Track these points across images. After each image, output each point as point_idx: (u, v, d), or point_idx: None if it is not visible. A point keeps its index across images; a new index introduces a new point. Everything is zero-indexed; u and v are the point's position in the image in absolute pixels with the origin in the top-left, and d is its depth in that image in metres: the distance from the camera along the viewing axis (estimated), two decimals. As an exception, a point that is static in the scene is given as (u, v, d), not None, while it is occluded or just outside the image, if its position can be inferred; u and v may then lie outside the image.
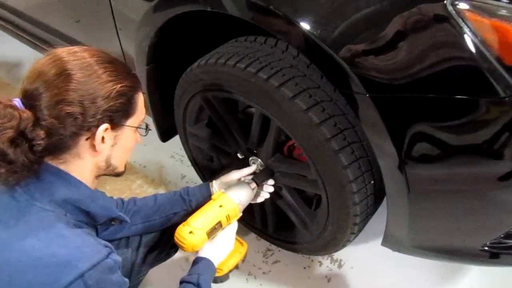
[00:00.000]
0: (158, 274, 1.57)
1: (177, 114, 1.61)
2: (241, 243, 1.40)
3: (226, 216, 1.29)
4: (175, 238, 1.23)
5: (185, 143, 1.69)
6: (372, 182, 1.27)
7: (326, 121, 1.18)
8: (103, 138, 0.99)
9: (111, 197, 1.31)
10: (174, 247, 1.42)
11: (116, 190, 2.01)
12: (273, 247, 1.77)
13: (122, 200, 1.36)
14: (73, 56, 0.96)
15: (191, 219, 1.25)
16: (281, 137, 1.41)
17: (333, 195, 1.28)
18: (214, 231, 1.26)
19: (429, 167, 1.05)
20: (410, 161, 1.05)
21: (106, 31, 1.58)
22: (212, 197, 1.33)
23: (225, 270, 1.32)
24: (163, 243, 1.39)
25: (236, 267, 1.37)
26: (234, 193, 1.33)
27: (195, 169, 1.80)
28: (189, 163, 1.81)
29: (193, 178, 2.03)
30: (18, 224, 0.91)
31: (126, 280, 1.00)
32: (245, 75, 1.24)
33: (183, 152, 1.82)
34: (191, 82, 1.43)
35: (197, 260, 1.24)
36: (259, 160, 1.46)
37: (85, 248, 0.91)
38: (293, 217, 1.50)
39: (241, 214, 1.35)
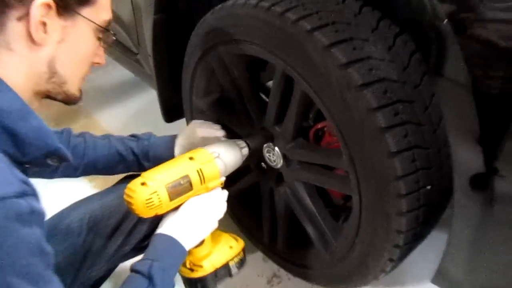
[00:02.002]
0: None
1: (184, 82, 1.29)
2: (235, 238, 1.03)
3: (198, 172, 0.92)
4: (124, 195, 0.88)
5: (190, 121, 1.36)
6: (429, 187, 0.88)
7: (371, 84, 0.82)
8: (44, 24, 0.69)
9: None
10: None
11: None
12: (281, 272, 1.37)
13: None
14: None
15: (149, 170, 0.91)
16: (306, 111, 1.05)
17: (369, 197, 0.89)
18: (179, 189, 0.90)
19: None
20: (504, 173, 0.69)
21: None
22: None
23: (208, 268, 0.95)
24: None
25: (229, 272, 0.99)
26: (213, 148, 0.98)
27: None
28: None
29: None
30: None
31: (50, 249, 0.67)
32: (268, 16, 0.91)
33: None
34: (202, 35, 1.12)
35: (154, 239, 0.88)
36: (276, 148, 1.10)
37: None
38: (311, 229, 1.11)
39: (223, 179, 0.98)
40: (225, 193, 0.99)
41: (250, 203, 1.35)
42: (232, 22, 1.01)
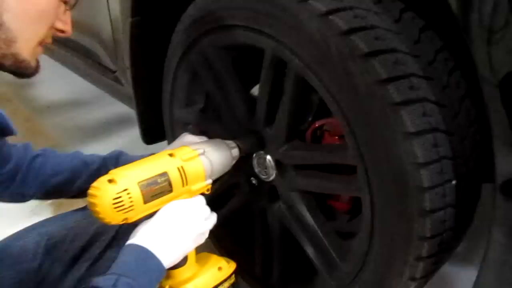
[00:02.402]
0: None
1: (164, 94, 1.16)
2: (226, 260, 0.84)
3: (179, 170, 0.76)
4: (87, 197, 0.71)
5: (171, 138, 1.20)
6: (454, 182, 0.72)
7: (380, 54, 0.68)
8: None
9: None
10: None
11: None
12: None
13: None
14: None
15: (120, 167, 0.75)
16: (301, 107, 0.89)
17: (383, 195, 0.72)
18: (156, 189, 0.73)
19: None
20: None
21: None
22: None
23: None
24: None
25: None
26: (198, 145, 0.83)
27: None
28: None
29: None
30: None
31: None
32: (254, -9, 0.79)
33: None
34: (183, 30, 1.00)
35: (123, 251, 0.70)
36: (268, 156, 0.94)
37: None
38: (311, 251, 0.92)
39: (209, 182, 0.82)
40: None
41: (238, 230, 1.16)
42: (215, 6, 0.89)
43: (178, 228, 0.74)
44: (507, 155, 0.64)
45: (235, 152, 0.88)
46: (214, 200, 1.16)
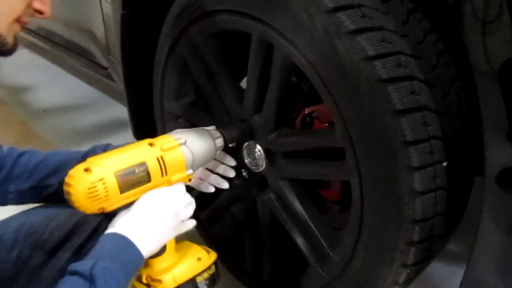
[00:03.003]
0: None
1: (155, 86, 1.14)
2: (206, 250, 0.82)
3: (158, 160, 0.74)
4: (63, 185, 0.69)
5: (162, 132, 1.19)
6: (445, 164, 0.70)
7: (367, 30, 0.67)
8: None
9: None
10: None
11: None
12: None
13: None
14: None
15: (97, 155, 0.73)
16: (289, 93, 0.88)
17: (372, 176, 0.70)
18: (133, 179, 0.71)
19: None
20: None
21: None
22: None
23: (168, 284, 0.74)
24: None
25: None
26: (179, 134, 0.81)
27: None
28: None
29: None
30: None
31: None
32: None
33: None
34: (173, 20, 0.99)
35: (101, 239, 0.68)
36: (258, 146, 0.92)
37: None
38: (302, 241, 0.90)
39: (190, 172, 0.80)
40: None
41: (228, 226, 1.14)
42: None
43: (157, 216, 0.72)
44: (502, 145, 0.62)
45: (219, 142, 0.86)
46: (204, 194, 1.15)
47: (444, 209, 0.72)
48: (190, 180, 0.82)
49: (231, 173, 0.96)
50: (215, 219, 1.13)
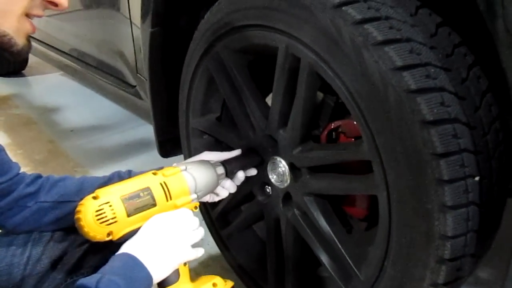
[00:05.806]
0: None
1: (181, 103, 1.16)
2: (224, 280, 0.81)
3: (162, 185, 0.77)
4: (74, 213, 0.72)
5: (187, 149, 1.19)
6: (477, 179, 0.68)
7: (395, 41, 0.67)
8: None
9: None
10: None
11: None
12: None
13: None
14: None
15: (105, 187, 0.75)
16: (315, 108, 0.88)
17: (400, 190, 0.68)
18: (139, 203, 0.74)
19: None
20: None
21: None
22: None
23: None
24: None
25: None
26: (181, 164, 0.85)
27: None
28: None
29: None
30: None
31: None
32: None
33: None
34: (200, 37, 1.01)
35: (112, 258, 0.69)
36: (282, 161, 0.92)
37: None
38: (326, 259, 0.87)
39: (194, 196, 0.82)
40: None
41: (251, 243, 1.12)
42: (229, 9, 0.90)
43: (164, 238, 0.72)
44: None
45: (220, 170, 0.88)
46: (228, 211, 1.14)
47: (476, 226, 0.69)
48: (196, 208, 0.83)
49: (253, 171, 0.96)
50: (236, 236, 1.11)
